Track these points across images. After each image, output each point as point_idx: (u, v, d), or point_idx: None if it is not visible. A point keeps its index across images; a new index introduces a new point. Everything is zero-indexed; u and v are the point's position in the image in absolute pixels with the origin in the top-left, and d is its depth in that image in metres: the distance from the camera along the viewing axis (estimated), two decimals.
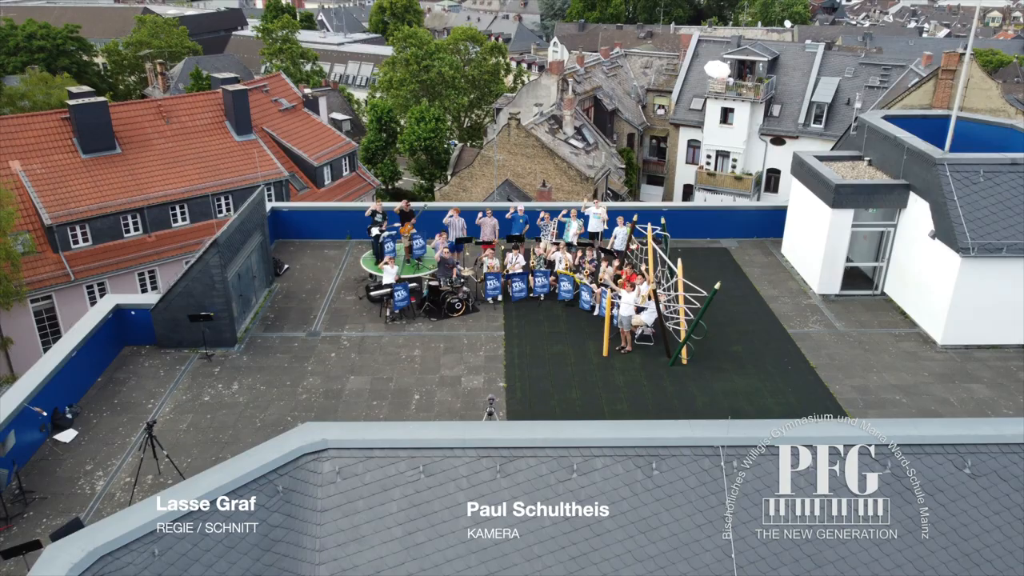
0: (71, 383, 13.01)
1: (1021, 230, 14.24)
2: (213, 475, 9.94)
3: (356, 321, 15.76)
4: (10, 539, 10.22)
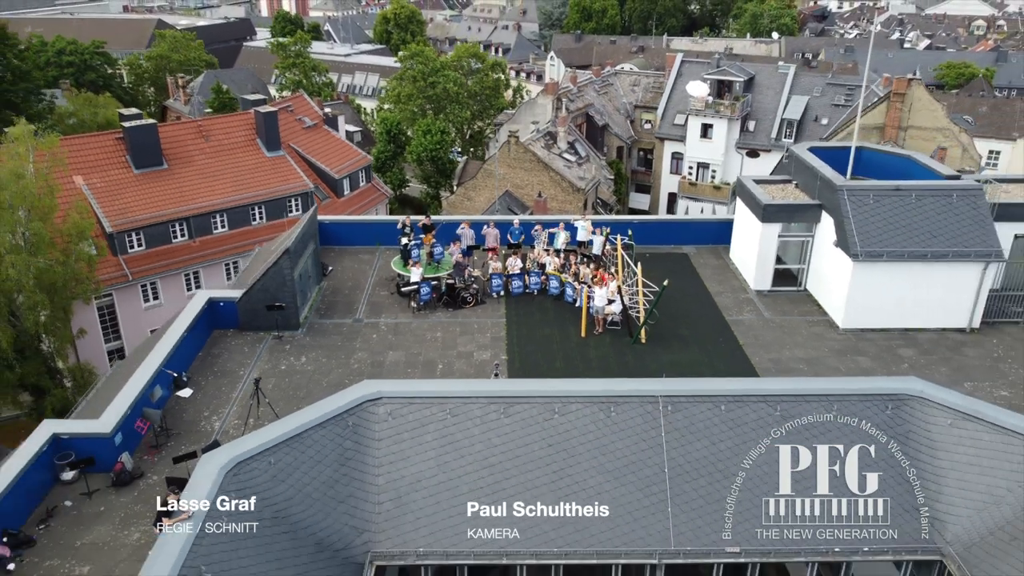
0: (182, 356, 17.41)
1: (898, 241, 18.69)
2: (305, 414, 14.38)
3: (390, 311, 20.22)
4: (162, 460, 14.64)
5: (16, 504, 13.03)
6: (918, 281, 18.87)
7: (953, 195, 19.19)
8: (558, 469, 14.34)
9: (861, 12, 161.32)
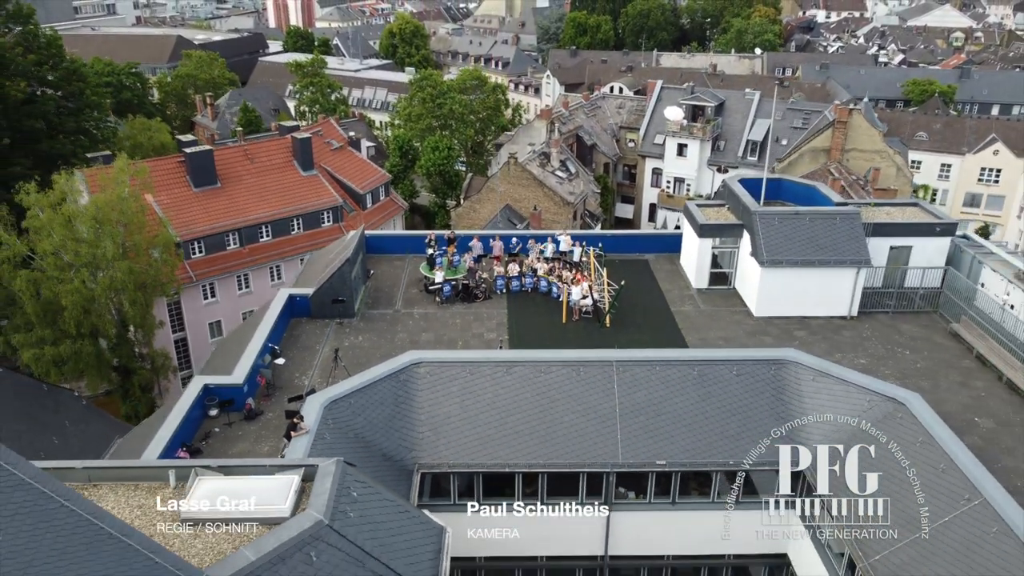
0: (275, 335, 24.18)
1: (796, 251, 25.48)
2: (369, 373, 21.14)
3: (421, 304, 27.02)
4: (274, 403, 21.38)
5: (186, 428, 19.82)
6: (810, 281, 25.67)
7: (837, 218, 26.04)
8: (543, 411, 21.05)
9: (845, 24, 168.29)
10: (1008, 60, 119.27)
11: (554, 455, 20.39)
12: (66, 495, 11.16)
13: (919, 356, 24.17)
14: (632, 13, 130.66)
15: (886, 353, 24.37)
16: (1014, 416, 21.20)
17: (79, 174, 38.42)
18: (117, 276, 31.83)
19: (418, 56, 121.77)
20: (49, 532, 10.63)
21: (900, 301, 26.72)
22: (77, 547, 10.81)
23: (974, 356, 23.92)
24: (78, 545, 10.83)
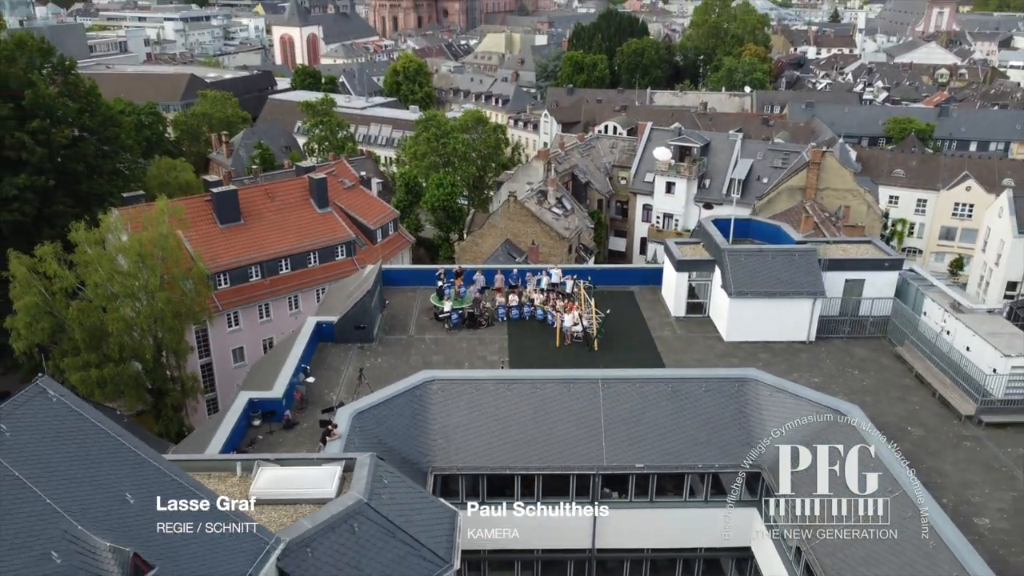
0: (305, 358, 27.75)
1: (760, 284, 29.15)
2: (389, 389, 24.69)
3: (431, 330, 30.63)
4: (308, 415, 24.87)
5: (234, 435, 23.32)
6: (773, 310, 29.31)
7: (795, 254, 29.78)
8: (539, 421, 24.57)
9: (835, 60, 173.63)
10: (989, 97, 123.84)
11: (548, 460, 23.85)
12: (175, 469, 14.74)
13: (866, 375, 27.75)
14: (627, 51, 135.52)
15: (838, 373, 27.95)
16: (942, 425, 24.76)
17: (116, 212, 42.27)
18: (158, 306, 35.48)
19: (421, 93, 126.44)
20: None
21: (853, 327, 30.35)
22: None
23: (913, 375, 27.51)
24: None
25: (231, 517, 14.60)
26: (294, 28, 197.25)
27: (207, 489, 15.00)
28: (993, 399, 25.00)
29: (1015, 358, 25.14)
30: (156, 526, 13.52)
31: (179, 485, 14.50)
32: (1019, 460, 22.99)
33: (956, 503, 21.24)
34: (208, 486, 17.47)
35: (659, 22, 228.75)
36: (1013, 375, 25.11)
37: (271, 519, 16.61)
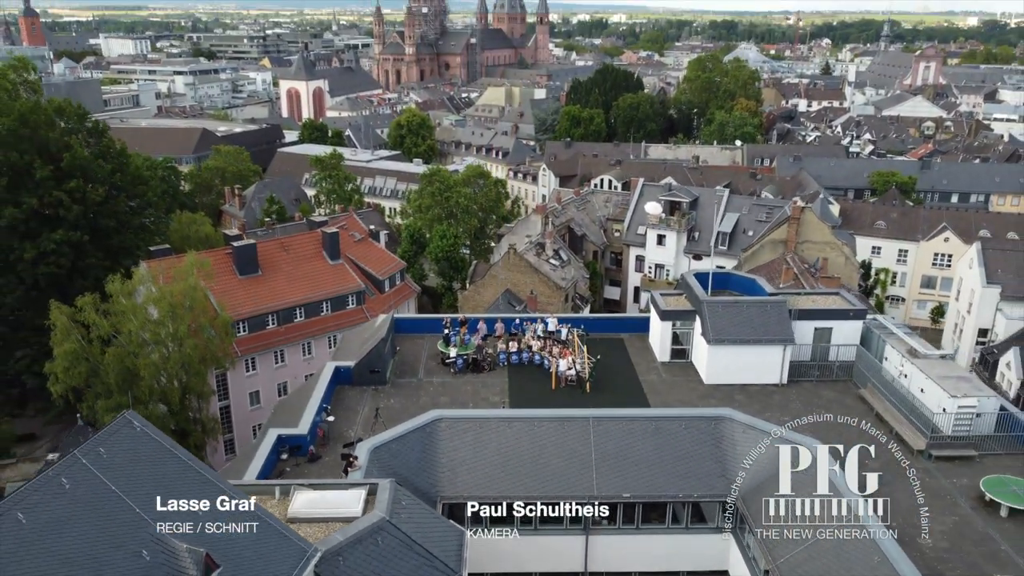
0: (326, 399, 30.76)
1: (736, 332, 32.28)
2: (402, 427, 27.69)
3: (439, 374, 33.68)
4: (329, 450, 27.79)
5: (266, 467, 26.23)
6: (748, 356, 32.41)
7: (768, 305, 33.01)
8: (536, 456, 27.49)
9: (824, 113, 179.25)
10: (972, 150, 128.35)
11: (544, 490, 26.71)
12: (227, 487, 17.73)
13: (831, 414, 30.63)
14: (623, 105, 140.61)
15: (806, 412, 30.69)
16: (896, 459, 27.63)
17: (144, 265, 45.66)
18: (186, 352, 38.59)
19: (424, 146, 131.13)
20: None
21: (822, 371, 33.44)
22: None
23: (874, 415, 30.49)
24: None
25: (278, 530, 17.57)
26: (301, 82, 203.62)
27: (259, 505, 17.96)
28: (942, 435, 28.01)
29: (961, 399, 28.21)
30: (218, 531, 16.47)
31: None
32: (962, 489, 25.90)
33: (903, 526, 24.08)
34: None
35: (654, 75, 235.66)
36: (959, 414, 28.15)
37: (307, 534, 19.50)
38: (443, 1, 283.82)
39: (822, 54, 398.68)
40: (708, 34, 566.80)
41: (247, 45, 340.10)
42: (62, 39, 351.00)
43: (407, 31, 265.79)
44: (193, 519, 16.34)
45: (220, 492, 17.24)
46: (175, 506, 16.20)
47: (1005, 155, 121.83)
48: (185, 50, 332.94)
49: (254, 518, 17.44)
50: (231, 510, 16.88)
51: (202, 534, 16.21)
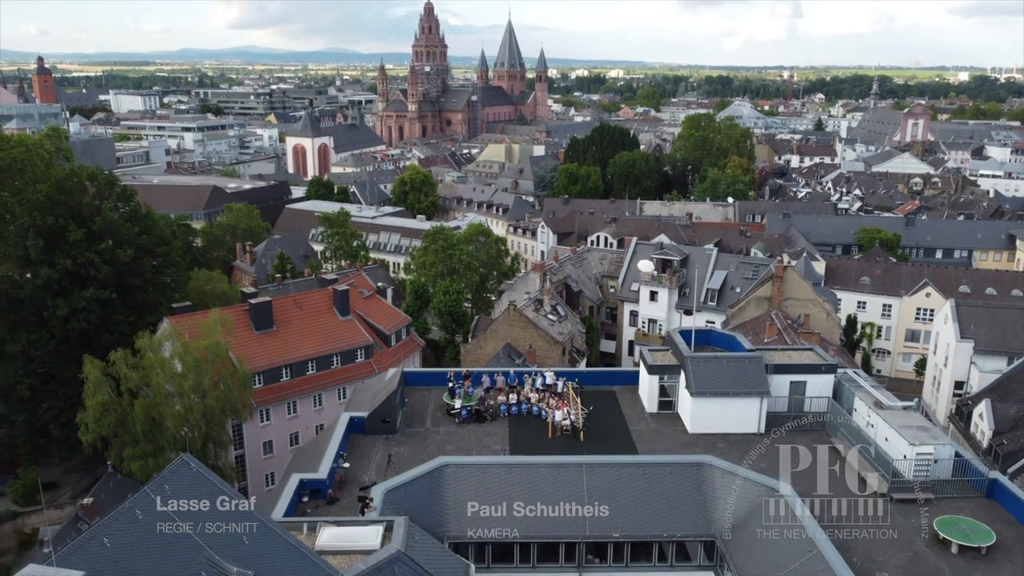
0: (342, 446, 33.62)
1: (717, 385, 35.29)
2: (411, 472, 30.56)
3: (445, 424, 36.59)
4: (346, 493, 30.57)
5: (290, 508, 29.01)
6: (728, 407, 35.38)
7: (746, 360, 36.09)
8: (534, 498, 30.30)
9: (815, 170, 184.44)
10: (958, 206, 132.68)
11: (541, 531, 29.50)
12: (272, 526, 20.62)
13: (804, 461, 33.53)
14: (619, 163, 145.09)
15: (781, 459, 33.75)
16: (862, 501, 30.46)
17: (166, 321, 48.87)
18: (209, 403, 41.53)
19: (427, 202, 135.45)
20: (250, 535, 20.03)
21: (798, 421, 36.29)
22: (269, 542, 20.16)
23: (843, 462, 33.33)
24: (271, 542, 20.19)
25: (311, 558, 20.44)
26: (307, 138, 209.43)
27: (292, 535, 20.84)
28: (902, 480, 30.82)
29: (919, 447, 31.11)
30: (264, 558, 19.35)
31: (275, 532, 20.39)
32: (918, 528, 28.63)
33: (863, 561, 26.85)
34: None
35: (650, 132, 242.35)
36: (918, 460, 31.02)
37: (333, 564, 22.29)
38: (445, 60, 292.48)
39: (815, 109, 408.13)
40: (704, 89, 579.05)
41: (253, 101, 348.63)
42: (73, 95, 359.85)
43: (410, 88, 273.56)
44: (240, 546, 19.24)
45: (262, 524, 20.14)
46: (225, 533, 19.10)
47: (989, 211, 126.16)
48: (193, 106, 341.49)
49: (292, 547, 20.34)
50: (273, 539, 19.76)
51: (248, 557, 19.08)
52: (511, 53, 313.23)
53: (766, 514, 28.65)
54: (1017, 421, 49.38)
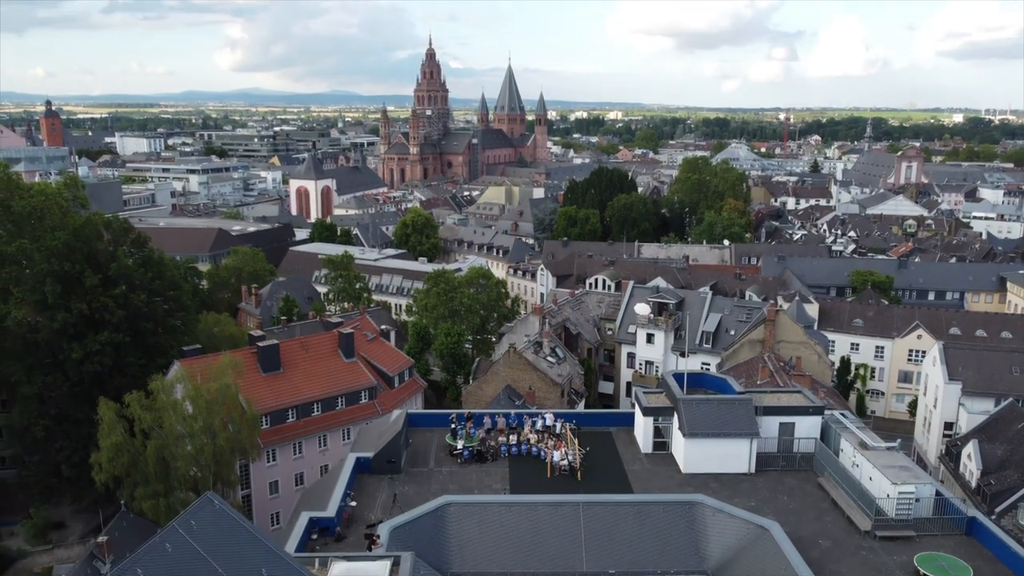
0: (349, 486, 35.06)
1: (709, 426, 36.84)
2: (416, 511, 32.02)
3: (447, 463, 38.04)
4: (353, 530, 31.96)
5: (300, 545, 30.38)
6: (719, 448, 36.87)
7: (736, 403, 37.69)
8: (533, 535, 31.71)
9: (811, 212, 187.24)
10: (951, 248, 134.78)
11: (540, 565, 30.82)
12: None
13: (792, 500, 35.01)
14: (617, 205, 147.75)
15: (770, 498, 35.21)
16: (845, 538, 31.85)
17: (177, 363, 50.52)
18: (219, 444, 43.01)
19: (428, 244, 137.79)
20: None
21: (786, 461, 37.79)
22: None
23: (829, 500, 34.78)
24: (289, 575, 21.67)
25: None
26: (310, 181, 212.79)
27: (307, 569, 22.32)
28: (886, 518, 32.23)
29: (901, 486, 32.58)
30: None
31: (291, 566, 21.88)
32: (901, 564, 29.99)
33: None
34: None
35: (648, 174, 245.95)
36: (900, 499, 32.47)
37: None
38: (447, 103, 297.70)
39: (811, 151, 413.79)
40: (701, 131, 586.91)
41: (257, 144, 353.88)
42: (79, 138, 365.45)
43: (412, 132, 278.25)
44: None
45: (280, 558, 21.65)
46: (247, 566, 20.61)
47: (981, 253, 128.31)
48: (197, 148, 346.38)
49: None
50: (290, 573, 21.25)
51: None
52: (511, 97, 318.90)
53: (755, 551, 30.01)
54: (1004, 461, 50.71)
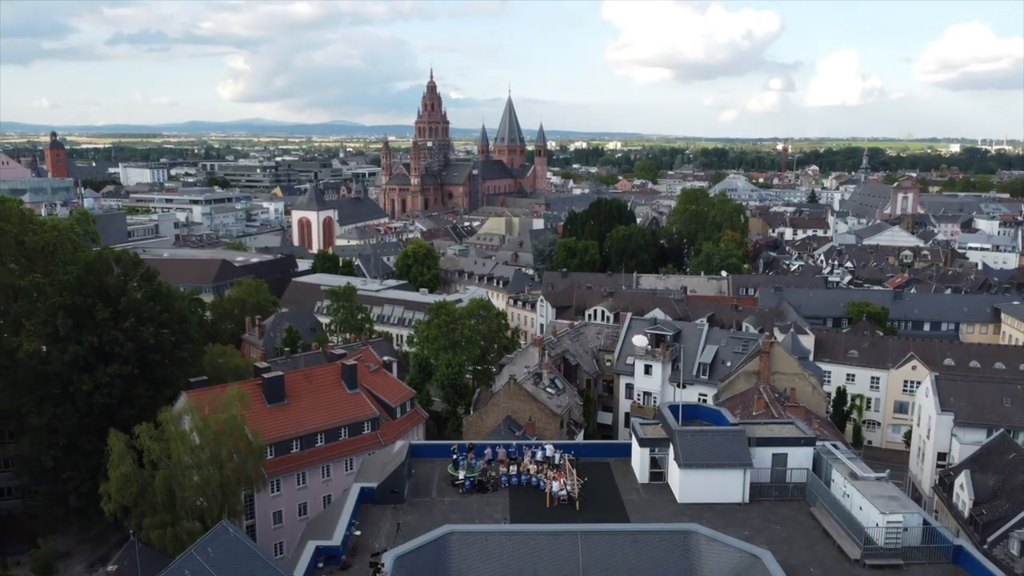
0: (354, 515, 36.05)
1: (703, 457, 37.89)
2: (419, 540, 33.02)
3: (449, 493, 39.05)
4: (358, 559, 32.93)
5: (307, 572, 31.34)
6: (714, 477, 37.91)
7: (729, 434, 38.79)
8: (533, 564, 32.67)
9: (808, 242, 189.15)
10: (946, 279, 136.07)
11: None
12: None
13: (785, 528, 35.99)
14: (616, 237, 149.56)
15: (764, 527, 36.19)
16: (835, 566, 32.82)
17: (184, 395, 51.64)
18: (226, 474, 44.02)
19: (429, 275, 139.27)
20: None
21: (779, 492, 38.80)
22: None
23: (821, 530, 35.76)
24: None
25: None
26: (312, 212, 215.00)
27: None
28: (874, 546, 33.22)
29: (890, 515, 33.61)
30: None
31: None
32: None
33: None
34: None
35: (647, 204, 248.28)
36: (889, 528, 33.48)
37: None
38: (447, 135, 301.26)
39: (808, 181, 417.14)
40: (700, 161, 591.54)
41: (260, 174, 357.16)
42: (83, 168, 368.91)
43: (413, 163, 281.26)
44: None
45: None
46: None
47: (977, 284, 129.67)
48: (200, 179, 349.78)
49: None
50: None
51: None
52: (511, 128, 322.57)
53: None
54: (996, 491, 51.63)
